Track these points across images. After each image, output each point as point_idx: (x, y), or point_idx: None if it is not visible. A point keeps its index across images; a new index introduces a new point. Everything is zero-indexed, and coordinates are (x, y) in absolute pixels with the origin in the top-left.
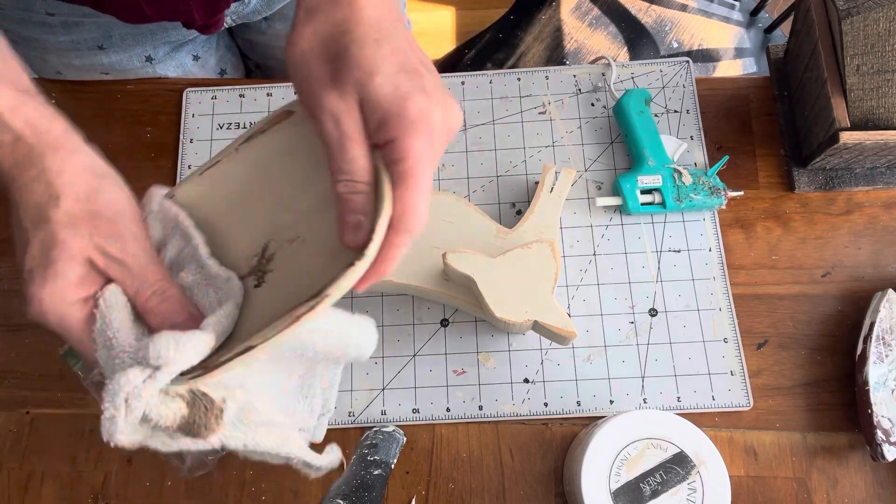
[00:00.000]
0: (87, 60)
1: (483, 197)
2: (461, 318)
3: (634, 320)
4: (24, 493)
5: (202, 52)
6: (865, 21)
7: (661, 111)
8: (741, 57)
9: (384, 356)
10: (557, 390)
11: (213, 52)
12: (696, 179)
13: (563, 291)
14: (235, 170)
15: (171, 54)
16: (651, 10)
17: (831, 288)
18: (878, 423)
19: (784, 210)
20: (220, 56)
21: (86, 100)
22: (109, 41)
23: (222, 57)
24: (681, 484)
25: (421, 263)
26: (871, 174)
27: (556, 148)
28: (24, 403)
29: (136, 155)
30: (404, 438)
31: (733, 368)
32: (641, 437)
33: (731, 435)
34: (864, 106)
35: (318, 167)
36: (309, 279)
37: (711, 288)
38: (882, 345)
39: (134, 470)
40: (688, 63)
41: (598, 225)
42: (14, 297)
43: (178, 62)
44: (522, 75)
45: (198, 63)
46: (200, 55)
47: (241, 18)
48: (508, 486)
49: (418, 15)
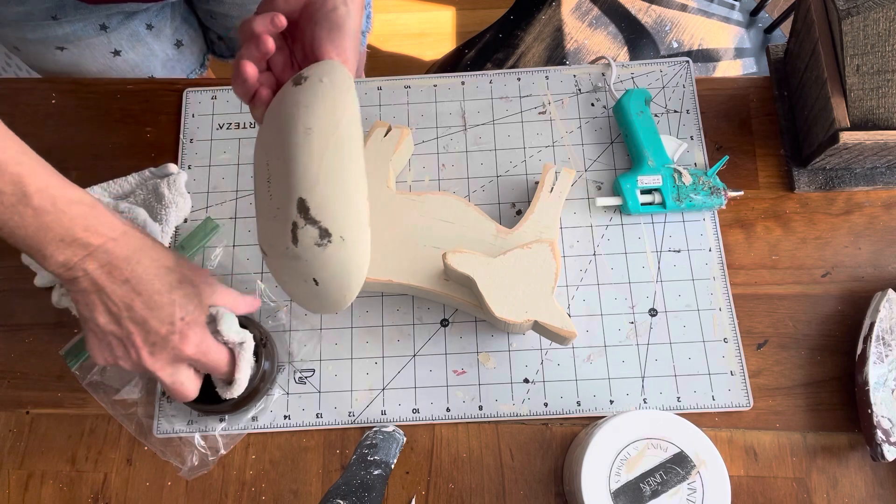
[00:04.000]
0: (42, 33)
1: (483, 197)
2: (461, 318)
3: (634, 320)
4: (24, 493)
5: (156, 20)
6: (865, 21)
7: (661, 111)
8: (741, 57)
9: (384, 356)
10: (557, 390)
11: (168, 21)
12: (696, 179)
13: (563, 291)
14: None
15: (124, 22)
16: (651, 10)
17: (831, 288)
18: (878, 423)
19: (784, 210)
20: (176, 27)
21: (86, 100)
22: (63, 10)
23: (178, 28)
24: (681, 484)
25: (421, 263)
26: (871, 174)
27: (556, 148)
28: (24, 403)
29: (136, 155)
30: (404, 438)
31: (733, 368)
32: (641, 437)
33: (731, 435)
34: (864, 106)
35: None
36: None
37: (711, 288)
38: (882, 345)
39: (134, 470)
40: (688, 63)
41: (598, 225)
42: (14, 297)
43: (133, 31)
44: (522, 75)
45: (152, 32)
46: (154, 24)
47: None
48: (508, 486)
49: (418, 15)
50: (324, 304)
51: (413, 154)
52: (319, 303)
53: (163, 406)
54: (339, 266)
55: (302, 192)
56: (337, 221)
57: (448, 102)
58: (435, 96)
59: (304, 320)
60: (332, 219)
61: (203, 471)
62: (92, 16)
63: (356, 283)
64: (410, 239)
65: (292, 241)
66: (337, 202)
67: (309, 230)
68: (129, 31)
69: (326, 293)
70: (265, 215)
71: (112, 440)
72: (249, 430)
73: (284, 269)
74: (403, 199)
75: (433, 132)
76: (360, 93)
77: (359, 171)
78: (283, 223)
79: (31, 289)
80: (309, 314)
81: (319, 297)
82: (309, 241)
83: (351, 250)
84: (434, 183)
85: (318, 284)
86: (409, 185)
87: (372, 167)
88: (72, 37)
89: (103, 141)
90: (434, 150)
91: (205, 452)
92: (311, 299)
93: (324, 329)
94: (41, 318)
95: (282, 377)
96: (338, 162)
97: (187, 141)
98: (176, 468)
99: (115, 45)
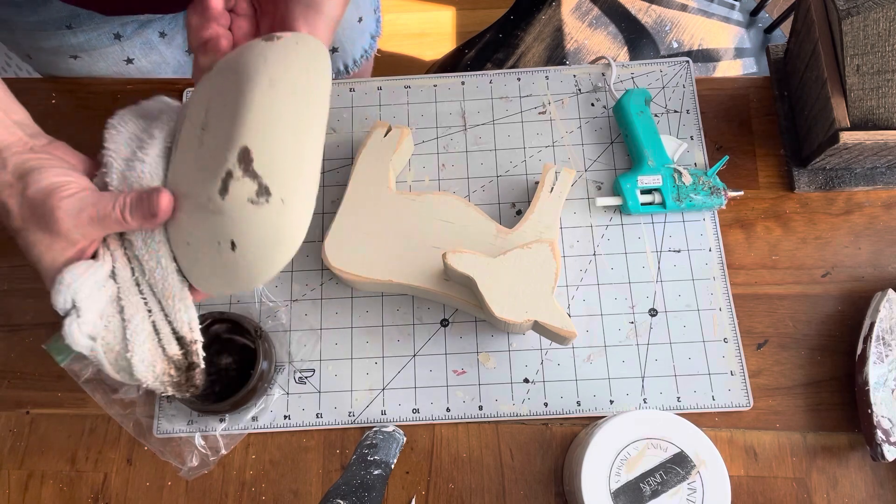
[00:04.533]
0: (56, 42)
1: (483, 197)
2: (461, 318)
3: (634, 320)
4: (24, 493)
5: (169, 28)
6: (865, 21)
7: (661, 111)
8: (741, 57)
9: (384, 356)
10: (557, 390)
11: (180, 29)
12: (696, 179)
13: (563, 291)
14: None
15: (138, 31)
16: (651, 10)
17: (831, 288)
18: (878, 423)
19: (784, 210)
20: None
21: (86, 100)
22: (77, 20)
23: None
24: (681, 484)
25: (421, 263)
26: (871, 174)
27: (556, 148)
28: (24, 403)
29: None
30: (404, 438)
31: (733, 368)
32: (641, 437)
33: (731, 435)
34: (864, 106)
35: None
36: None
37: (711, 288)
38: (882, 345)
39: (134, 470)
40: (688, 63)
41: (598, 225)
42: (14, 297)
43: (146, 39)
44: (522, 75)
45: (164, 40)
46: (167, 32)
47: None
48: (508, 486)
49: (418, 15)
50: (230, 278)
51: (413, 154)
52: (224, 275)
53: (163, 406)
54: (269, 232)
55: (248, 140)
56: (282, 181)
57: (448, 102)
58: (435, 96)
59: (304, 320)
60: (277, 176)
61: (203, 471)
62: (106, 25)
63: (282, 257)
64: (410, 239)
65: (220, 191)
66: (288, 159)
67: (245, 183)
68: (143, 40)
69: (240, 262)
70: (187, 162)
71: (112, 440)
72: (249, 430)
73: (193, 225)
74: (403, 199)
75: (433, 132)
76: (361, 93)
77: (318, 141)
78: (212, 172)
79: (30, 289)
80: (309, 314)
81: (228, 267)
82: (241, 195)
83: (289, 216)
84: (434, 183)
85: (234, 249)
86: (409, 185)
87: (372, 167)
88: (86, 45)
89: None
90: (434, 150)
91: (205, 452)
92: (216, 269)
93: (324, 329)
94: (41, 318)
95: (282, 377)
96: (299, 121)
97: None
98: (176, 468)
99: (128, 52)
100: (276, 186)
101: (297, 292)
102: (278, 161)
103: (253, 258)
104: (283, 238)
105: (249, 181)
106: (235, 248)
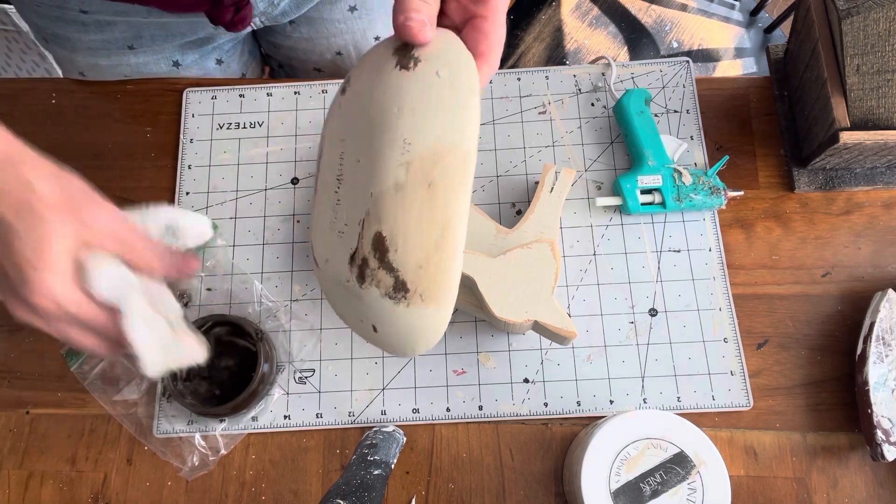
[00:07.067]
0: (116, 61)
1: (483, 197)
2: (461, 318)
3: (634, 320)
4: (24, 493)
5: (226, 56)
6: (865, 21)
7: (661, 111)
8: (741, 57)
9: (384, 356)
10: (557, 390)
11: (237, 57)
12: (696, 179)
13: (563, 291)
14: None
15: (197, 61)
16: (651, 10)
17: (831, 288)
18: (878, 423)
19: (784, 210)
20: (244, 62)
21: (86, 100)
22: (140, 41)
23: (245, 63)
24: (681, 484)
25: None
26: (871, 174)
27: (556, 148)
28: (24, 403)
29: (136, 155)
30: (404, 438)
31: (733, 368)
32: (641, 437)
33: (731, 435)
34: (864, 106)
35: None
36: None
37: (711, 288)
38: (882, 345)
39: (134, 470)
40: (688, 63)
41: (598, 225)
42: None
43: (202, 66)
44: (522, 75)
45: (220, 67)
46: (224, 59)
47: (269, 21)
48: (508, 486)
49: None
50: (377, 346)
51: None
52: (373, 341)
53: (163, 406)
54: (408, 326)
55: (381, 223)
56: (422, 275)
57: None
58: None
59: (304, 320)
60: (413, 272)
61: (203, 471)
62: (167, 50)
63: (424, 346)
64: None
65: (357, 277)
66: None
67: (382, 276)
68: (199, 67)
69: (384, 342)
70: (325, 221)
71: (112, 440)
72: (249, 430)
73: (338, 295)
74: None
75: None
76: None
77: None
78: (346, 247)
79: None
80: (309, 314)
81: (374, 340)
82: (377, 291)
83: (429, 315)
84: None
85: (376, 332)
86: None
87: None
88: (143, 68)
89: (103, 141)
90: None
91: (205, 452)
92: (364, 334)
93: (324, 329)
94: None
95: (282, 377)
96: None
97: (187, 141)
98: (176, 468)
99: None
100: (416, 281)
101: (297, 292)
102: (417, 251)
103: (395, 342)
104: (423, 331)
105: (385, 275)
106: (377, 332)
